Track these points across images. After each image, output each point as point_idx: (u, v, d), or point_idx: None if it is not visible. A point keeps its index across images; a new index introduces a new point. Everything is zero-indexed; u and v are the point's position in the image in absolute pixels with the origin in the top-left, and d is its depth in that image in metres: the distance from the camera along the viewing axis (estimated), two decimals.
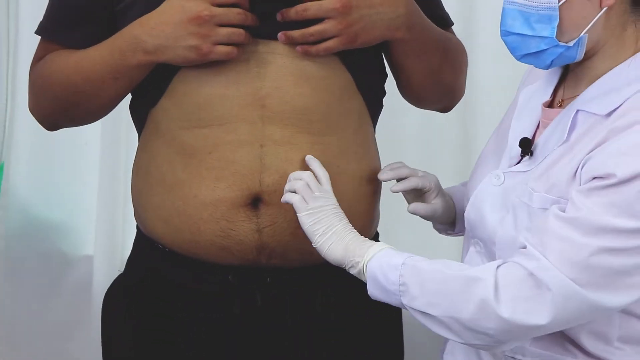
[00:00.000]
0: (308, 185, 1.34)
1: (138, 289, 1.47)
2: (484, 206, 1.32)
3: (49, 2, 1.47)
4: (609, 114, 1.24)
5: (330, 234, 1.32)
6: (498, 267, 1.22)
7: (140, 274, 1.48)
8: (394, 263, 1.26)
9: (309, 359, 1.44)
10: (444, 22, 1.53)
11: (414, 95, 1.53)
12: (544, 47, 1.25)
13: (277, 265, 1.40)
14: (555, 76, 1.34)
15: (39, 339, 2.41)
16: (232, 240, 1.38)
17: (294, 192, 1.34)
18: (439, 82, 1.50)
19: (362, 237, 1.32)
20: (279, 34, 1.37)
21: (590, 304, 1.18)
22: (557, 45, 1.24)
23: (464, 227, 1.42)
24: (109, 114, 1.52)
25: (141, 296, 1.46)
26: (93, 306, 2.22)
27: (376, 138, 1.54)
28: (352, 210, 1.39)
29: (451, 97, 1.57)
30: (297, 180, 1.35)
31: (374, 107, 1.50)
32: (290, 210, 1.36)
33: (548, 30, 1.24)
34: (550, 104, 1.34)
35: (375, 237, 1.51)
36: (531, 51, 1.26)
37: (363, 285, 1.32)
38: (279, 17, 1.37)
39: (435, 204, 1.45)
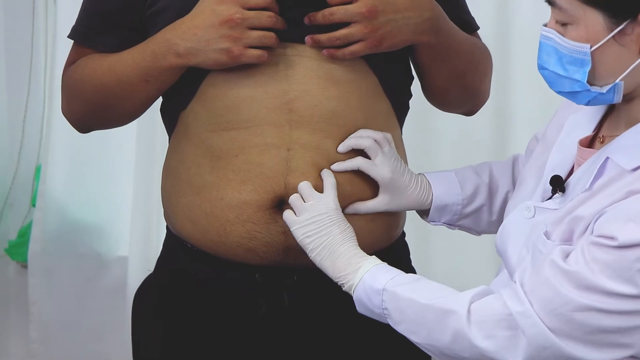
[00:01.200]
0: (301, 196, 1.37)
1: (167, 288, 1.50)
2: (509, 238, 1.32)
3: (81, 7, 1.50)
4: (634, 170, 1.21)
5: (320, 249, 1.34)
6: (472, 301, 1.22)
7: (169, 274, 1.51)
8: (376, 288, 1.28)
9: (337, 359, 1.46)
10: (469, 26, 1.55)
11: (439, 98, 1.56)
12: (577, 89, 1.22)
13: (305, 264, 1.42)
14: (602, 108, 1.31)
15: (74, 339, 2.46)
16: (259, 242, 1.41)
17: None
18: (463, 85, 1.52)
19: (353, 252, 1.33)
20: (307, 37, 1.40)
21: (568, 356, 1.18)
22: (589, 90, 1.22)
23: (438, 217, 1.45)
24: (144, 116, 1.56)
25: (170, 295, 1.49)
26: (127, 307, 2.26)
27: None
28: (379, 213, 1.43)
29: (476, 101, 1.58)
30: (294, 193, 1.37)
31: (401, 109, 1.52)
32: None
33: (580, 74, 1.21)
34: (592, 139, 1.31)
35: (401, 237, 1.54)
36: (565, 90, 1.24)
37: None
38: (306, 20, 1.39)
39: (379, 200, 1.43)
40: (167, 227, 1.53)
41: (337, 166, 1.42)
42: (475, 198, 1.49)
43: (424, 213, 1.49)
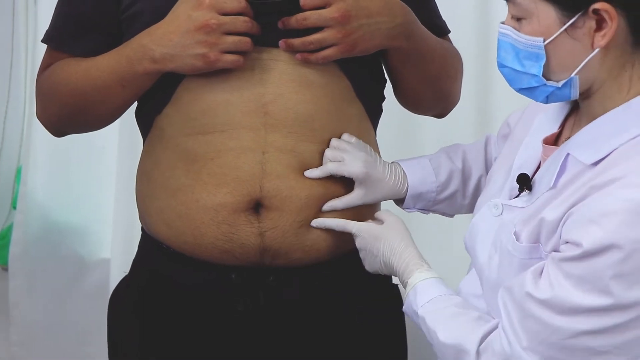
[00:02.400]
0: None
1: (143, 290, 1.54)
2: (478, 237, 1.35)
3: (55, 10, 1.53)
4: (595, 164, 1.22)
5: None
6: (482, 341, 1.25)
7: (145, 275, 1.55)
8: (414, 310, 1.34)
9: (313, 358, 1.50)
10: (441, 30, 1.59)
11: (410, 101, 1.61)
12: (534, 84, 1.24)
13: (282, 265, 1.47)
14: (565, 107, 1.33)
15: (56, 342, 2.47)
16: (234, 244, 1.45)
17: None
18: (435, 89, 1.57)
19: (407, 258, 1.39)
20: (280, 42, 1.44)
21: None
22: (545, 85, 1.23)
23: (413, 204, 1.50)
24: (126, 118, 1.60)
25: (146, 297, 1.53)
26: None
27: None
28: (358, 213, 1.49)
29: (446, 104, 1.63)
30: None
31: (374, 112, 1.57)
32: (292, 212, 1.44)
33: (536, 69, 1.23)
34: (557, 137, 1.33)
35: None
36: (524, 87, 1.26)
37: (369, 283, 1.45)
38: (280, 25, 1.43)
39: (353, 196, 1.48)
40: (142, 229, 1.57)
41: (310, 173, 1.47)
42: (449, 184, 1.53)
43: (399, 201, 1.54)
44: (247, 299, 1.48)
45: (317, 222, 1.47)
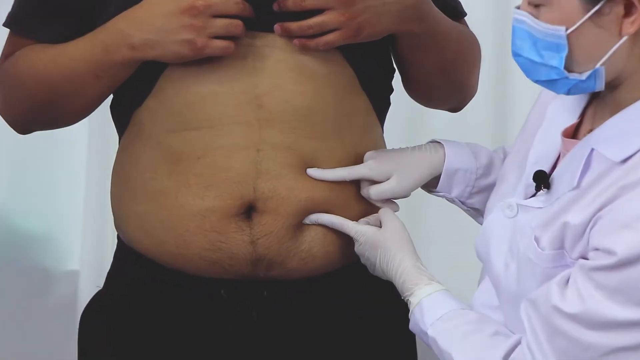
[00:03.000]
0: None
1: (119, 306, 1.55)
2: (492, 243, 1.37)
3: None
4: (624, 161, 1.23)
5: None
6: None
7: (121, 290, 1.57)
8: (422, 329, 1.36)
9: None
10: (456, 12, 1.61)
11: (422, 93, 1.63)
12: (554, 77, 1.26)
13: (277, 277, 1.49)
14: (585, 95, 1.35)
15: None
16: (223, 254, 1.47)
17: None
18: (449, 79, 1.59)
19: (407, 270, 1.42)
20: (276, 26, 1.45)
21: None
22: (567, 77, 1.25)
23: (449, 186, 1.52)
24: (96, 111, 1.60)
25: (122, 315, 1.54)
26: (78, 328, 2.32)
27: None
28: (363, 210, 1.52)
29: (463, 96, 1.65)
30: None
31: (381, 105, 1.59)
32: (288, 216, 1.46)
33: (556, 60, 1.24)
34: (576, 129, 1.35)
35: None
36: (542, 79, 1.27)
37: (377, 295, 1.48)
38: (275, 7, 1.45)
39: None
40: (119, 237, 1.59)
41: (316, 173, 1.49)
42: (492, 171, 1.55)
43: (431, 185, 1.55)
44: (238, 317, 1.50)
45: (311, 217, 1.49)
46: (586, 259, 1.24)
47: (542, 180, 1.32)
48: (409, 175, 1.52)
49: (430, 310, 1.36)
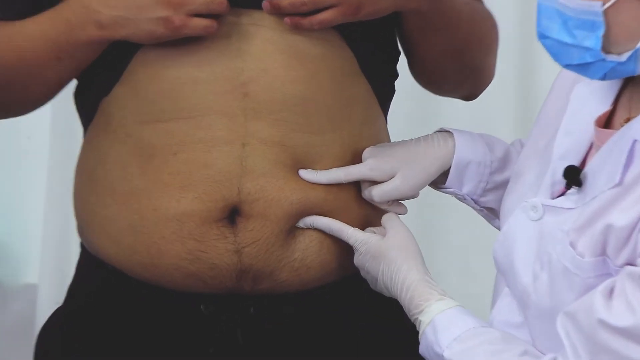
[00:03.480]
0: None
1: (82, 324, 1.55)
2: (515, 250, 1.36)
3: None
4: None
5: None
6: None
7: (85, 305, 1.56)
8: (437, 352, 1.36)
9: None
10: None
11: (431, 79, 1.63)
12: (589, 59, 1.26)
13: (266, 291, 1.49)
14: (617, 81, 1.34)
15: None
16: (203, 265, 1.47)
17: None
18: (462, 63, 1.60)
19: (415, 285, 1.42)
20: (264, 2, 1.46)
21: None
22: (604, 60, 1.25)
23: (459, 181, 1.52)
24: (60, 99, 1.61)
25: (86, 333, 1.54)
26: None
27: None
28: (365, 214, 1.53)
29: (477, 82, 1.66)
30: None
31: (384, 92, 1.59)
32: (278, 220, 1.47)
33: (591, 40, 1.24)
34: (609, 117, 1.35)
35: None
36: (574, 62, 1.27)
37: (376, 313, 1.49)
38: None
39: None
40: (82, 245, 1.59)
41: (308, 175, 1.49)
42: (508, 165, 1.55)
43: (438, 180, 1.55)
44: (220, 337, 1.50)
45: (306, 220, 1.50)
46: (634, 265, 1.23)
47: (573, 176, 1.32)
48: (416, 172, 1.52)
49: (446, 330, 1.36)
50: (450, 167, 1.53)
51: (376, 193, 1.52)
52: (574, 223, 1.30)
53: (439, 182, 1.56)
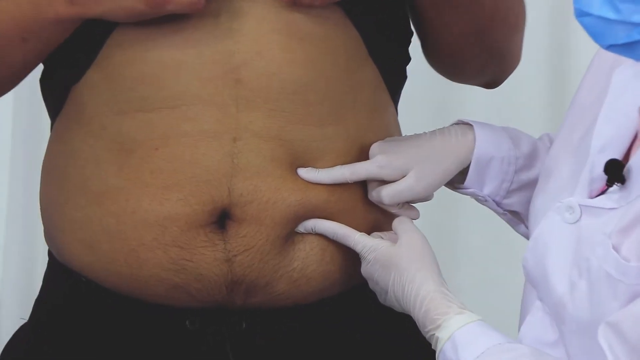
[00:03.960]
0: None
1: (50, 343, 1.56)
2: (548, 257, 1.37)
3: None
4: None
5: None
6: None
7: (53, 322, 1.57)
8: (463, 358, 1.36)
9: None
10: None
11: (448, 64, 1.65)
12: (637, 37, 1.24)
13: (260, 304, 1.50)
14: None
15: None
16: (189, 275, 1.48)
17: None
18: (484, 45, 1.60)
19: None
20: None
21: None
22: None
23: (479, 181, 1.52)
24: (24, 87, 1.63)
25: (56, 352, 1.54)
26: None
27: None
28: (373, 218, 1.54)
29: (501, 67, 1.67)
30: None
31: (394, 78, 1.60)
32: (274, 226, 1.48)
33: (639, 14, 1.22)
34: None
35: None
36: (620, 42, 1.26)
37: (385, 328, 1.51)
38: None
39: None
40: (50, 253, 1.60)
41: (308, 174, 1.50)
42: (535, 162, 1.56)
43: (455, 179, 1.56)
44: (209, 356, 1.51)
45: (307, 224, 1.51)
46: None
47: (616, 172, 1.33)
48: (431, 171, 1.53)
49: (468, 346, 1.36)
50: (468, 165, 1.54)
51: (386, 194, 1.52)
52: (617, 224, 1.30)
53: (456, 181, 1.57)
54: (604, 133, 1.38)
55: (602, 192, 1.35)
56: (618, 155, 1.36)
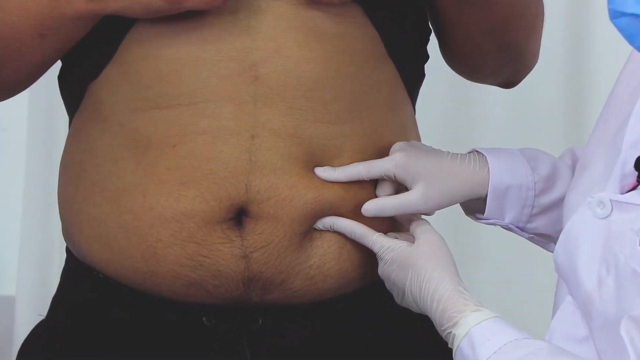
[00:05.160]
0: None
1: (68, 340, 1.57)
2: (579, 252, 1.37)
3: None
4: None
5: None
6: None
7: (71, 319, 1.58)
8: (480, 354, 1.36)
9: None
10: None
11: (465, 63, 1.65)
12: None
13: (276, 301, 1.51)
14: None
15: None
16: (206, 272, 1.48)
17: None
18: (502, 43, 1.61)
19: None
20: None
21: None
22: None
23: (500, 210, 1.52)
24: (39, 86, 1.65)
25: (72, 350, 1.56)
26: None
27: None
28: (389, 217, 1.54)
29: (519, 66, 1.67)
30: None
31: (412, 77, 1.61)
32: (292, 222, 1.48)
33: None
34: None
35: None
36: None
37: (401, 325, 1.52)
38: None
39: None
40: (68, 250, 1.61)
41: (325, 173, 1.51)
42: (556, 183, 1.56)
43: (476, 209, 1.57)
44: (225, 353, 1.52)
45: (325, 221, 1.51)
46: None
47: None
48: (439, 189, 1.54)
49: (485, 343, 1.37)
50: (484, 196, 1.55)
51: (390, 204, 1.53)
52: None
53: (477, 211, 1.58)
54: (636, 129, 1.38)
55: (634, 188, 1.36)
56: None
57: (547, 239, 1.60)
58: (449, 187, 1.54)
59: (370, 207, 1.53)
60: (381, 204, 1.53)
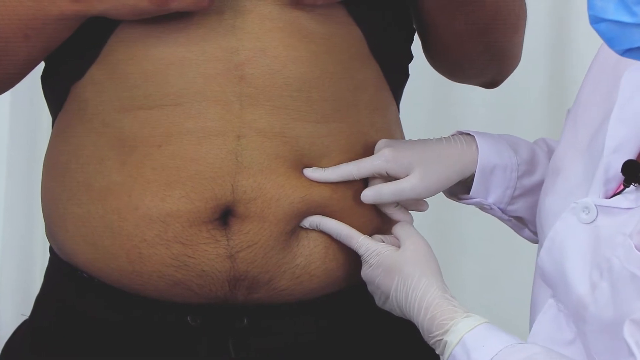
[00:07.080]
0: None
1: (52, 340, 1.57)
2: (567, 258, 1.38)
3: None
4: None
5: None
6: None
7: (55, 319, 1.58)
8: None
9: None
10: None
11: (449, 63, 1.66)
12: None
13: (262, 300, 1.52)
14: None
15: None
16: (191, 272, 1.49)
17: None
18: (485, 44, 1.61)
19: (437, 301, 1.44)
20: None
21: None
22: None
23: (484, 190, 1.54)
24: (22, 85, 1.63)
25: (58, 349, 1.56)
26: None
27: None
28: (376, 218, 1.55)
29: (502, 66, 1.68)
30: None
31: (396, 77, 1.62)
32: (278, 222, 1.49)
33: None
34: None
35: None
36: (635, 45, 1.25)
37: (390, 324, 1.51)
38: None
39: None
40: (51, 250, 1.61)
41: (314, 173, 1.51)
42: (537, 168, 1.58)
43: (458, 191, 1.58)
44: (210, 353, 1.52)
45: (312, 220, 1.52)
46: None
47: (634, 172, 1.34)
48: (435, 172, 1.54)
49: (479, 349, 1.37)
50: (470, 175, 1.56)
51: (388, 191, 1.53)
52: (637, 224, 1.32)
53: (459, 192, 1.58)
54: (618, 133, 1.39)
55: (618, 192, 1.37)
56: (632, 155, 1.37)
57: (522, 224, 1.61)
58: (443, 169, 1.55)
59: (369, 194, 1.54)
60: (379, 190, 1.54)
